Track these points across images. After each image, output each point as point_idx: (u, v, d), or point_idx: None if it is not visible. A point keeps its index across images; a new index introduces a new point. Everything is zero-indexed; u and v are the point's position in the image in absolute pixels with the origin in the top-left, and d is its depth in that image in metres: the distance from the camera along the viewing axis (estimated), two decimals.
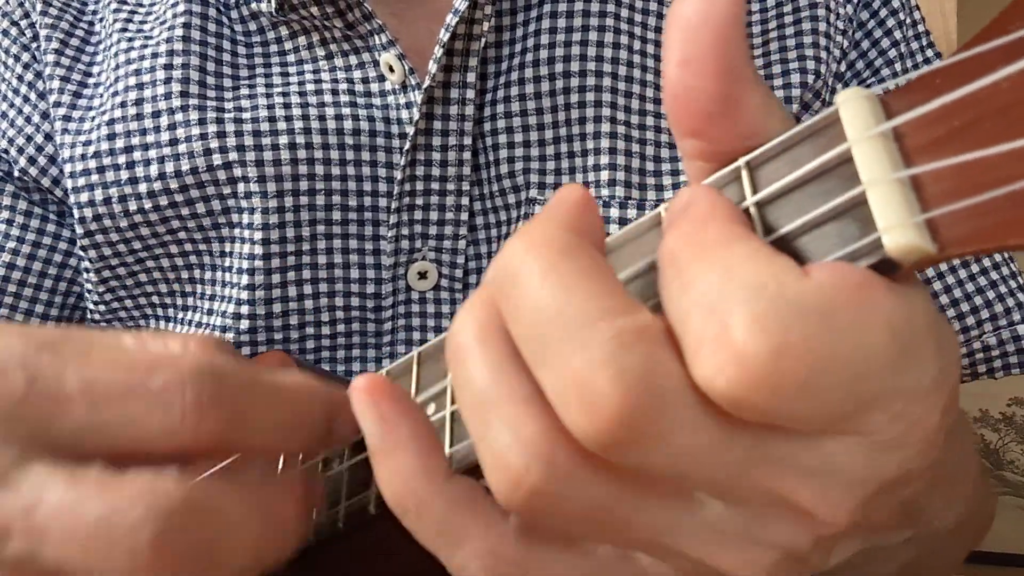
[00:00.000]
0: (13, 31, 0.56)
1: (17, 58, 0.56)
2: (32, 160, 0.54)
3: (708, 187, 0.22)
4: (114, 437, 0.25)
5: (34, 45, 0.56)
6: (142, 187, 0.51)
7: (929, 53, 0.57)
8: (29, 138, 0.54)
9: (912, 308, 0.20)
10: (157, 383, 0.24)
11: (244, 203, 0.50)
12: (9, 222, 0.54)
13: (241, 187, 0.50)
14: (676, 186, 0.51)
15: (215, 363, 0.25)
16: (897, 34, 0.56)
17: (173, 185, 0.50)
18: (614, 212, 0.50)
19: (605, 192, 0.50)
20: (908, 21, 0.57)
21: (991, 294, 0.54)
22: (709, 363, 0.19)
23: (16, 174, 0.54)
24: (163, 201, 0.51)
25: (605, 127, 0.51)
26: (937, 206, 0.18)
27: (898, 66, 0.56)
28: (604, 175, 0.51)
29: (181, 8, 0.53)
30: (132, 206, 0.51)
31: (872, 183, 0.19)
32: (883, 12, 0.56)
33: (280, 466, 0.33)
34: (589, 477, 0.21)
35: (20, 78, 0.55)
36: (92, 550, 0.23)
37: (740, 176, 0.22)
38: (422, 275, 0.52)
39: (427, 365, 0.32)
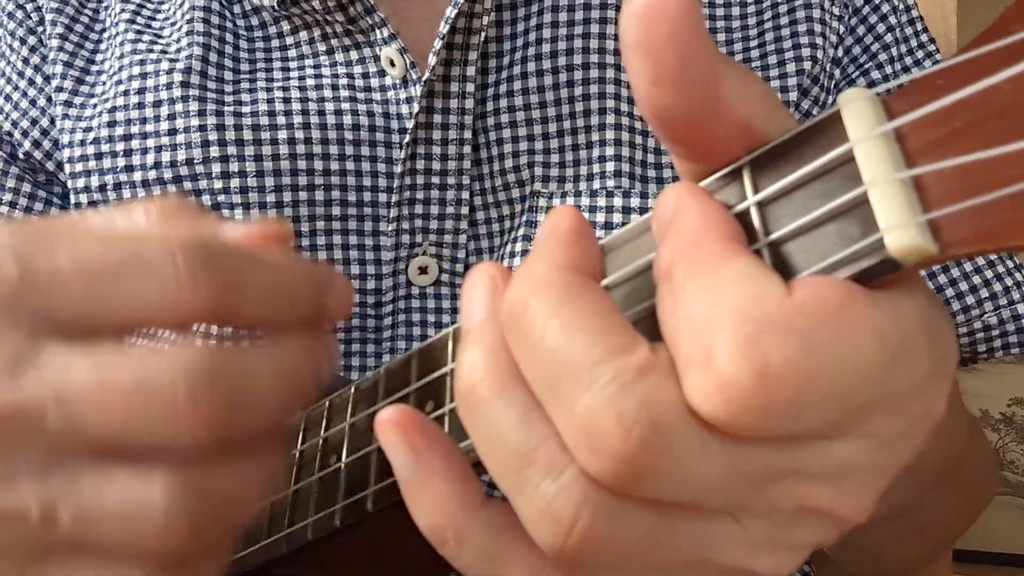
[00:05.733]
0: (19, 14, 0.56)
1: (23, 41, 0.56)
2: (37, 143, 0.54)
3: (697, 192, 0.22)
4: (117, 312, 0.25)
5: (40, 28, 0.56)
6: (137, 175, 0.51)
7: (924, 38, 0.57)
8: (34, 121, 0.54)
9: (900, 311, 0.20)
10: (148, 255, 0.25)
11: (237, 198, 0.50)
12: (13, 204, 0.54)
13: (236, 182, 0.50)
14: (678, 177, 0.51)
15: (201, 233, 0.26)
16: (892, 19, 0.56)
17: (167, 175, 0.50)
18: (618, 202, 0.50)
19: (610, 183, 0.50)
20: (902, 7, 0.57)
21: (990, 274, 0.54)
22: (696, 388, 0.19)
23: (21, 156, 0.54)
24: (156, 191, 0.51)
25: (609, 119, 0.51)
26: (939, 207, 0.19)
27: (894, 51, 0.56)
28: (609, 166, 0.51)
29: (187, 5, 0.53)
30: (125, 194, 0.51)
31: (874, 183, 0.19)
32: None
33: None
34: (633, 509, 0.21)
35: (26, 61, 0.55)
36: (133, 415, 0.24)
37: (741, 175, 0.22)
38: (422, 270, 0.52)
39: (426, 362, 0.32)
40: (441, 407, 0.30)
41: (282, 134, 0.50)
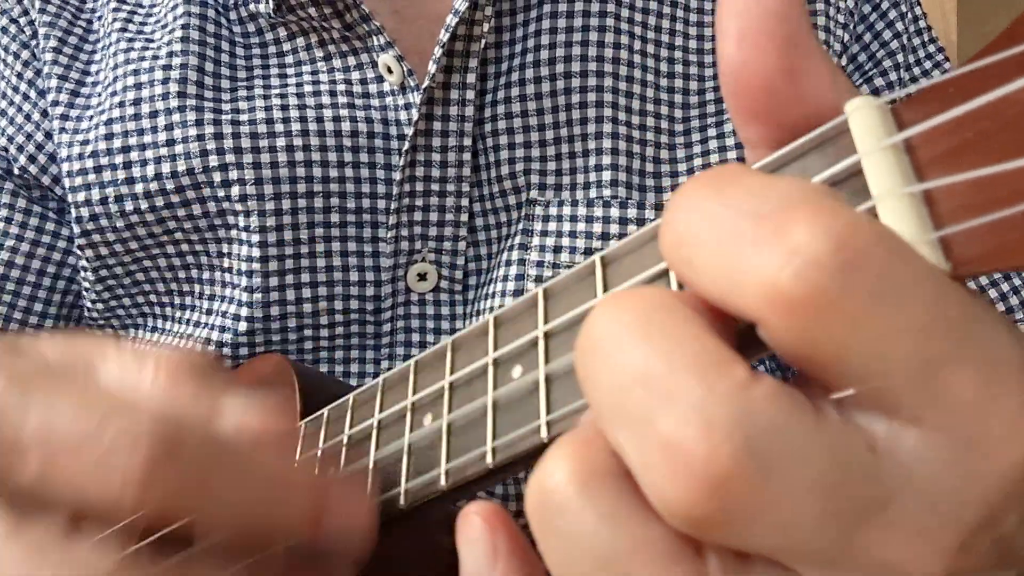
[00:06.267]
0: (12, 28, 0.56)
1: (17, 55, 0.55)
2: (32, 158, 0.53)
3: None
4: (60, 497, 0.24)
5: (33, 43, 0.55)
6: (138, 187, 0.50)
7: (932, 48, 0.57)
8: (29, 136, 0.54)
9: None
10: (110, 438, 0.23)
11: (239, 206, 0.50)
12: (8, 220, 0.54)
13: (236, 190, 0.49)
14: (676, 187, 0.50)
15: (181, 416, 0.24)
16: (899, 26, 0.55)
17: (169, 186, 0.50)
18: (614, 212, 0.50)
19: (607, 192, 0.50)
20: (910, 15, 0.56)
21: (1006, 287, 0.53)
22: (766, 262, 0.16)
23: (16, 172, 0.54)
24: (159, 201, 0.50)
25: (606, 127, 0.50)
26: (951, 223, 0.18)
27: (900, 58, 0.55)
28: (606, 175, 0.50)
29: (180, 10, 0.53)
30: (128, 206, 0.50)
31: (882, 197, 0.19)
32: (885, 4, 0.56)
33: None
34: None
35: (20, 75, 0.55)
36: None
37: None
38: (421, 276, 0.52)
39: (424, 373, 0.31)
40: (438, 419, 0.30)
41: (280, 141, 0.50)
